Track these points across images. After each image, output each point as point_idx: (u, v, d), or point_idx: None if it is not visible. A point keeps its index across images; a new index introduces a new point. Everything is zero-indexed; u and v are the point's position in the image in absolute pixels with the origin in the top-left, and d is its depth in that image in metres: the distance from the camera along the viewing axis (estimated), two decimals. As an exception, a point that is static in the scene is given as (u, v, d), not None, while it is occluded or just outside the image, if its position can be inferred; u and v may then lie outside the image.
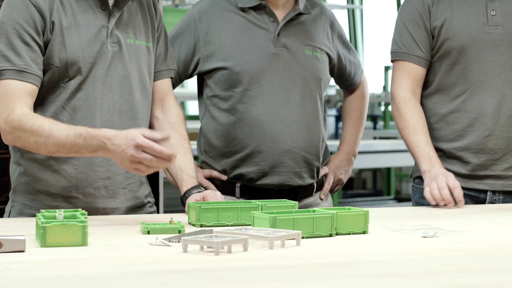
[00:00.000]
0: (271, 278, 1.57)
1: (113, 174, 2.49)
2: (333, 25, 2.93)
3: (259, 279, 1.56)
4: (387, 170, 9.37)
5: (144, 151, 2.22)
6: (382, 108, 10.78)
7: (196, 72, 2.83)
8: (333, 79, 3.01)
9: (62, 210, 2.01)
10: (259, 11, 2.80)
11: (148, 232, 2.07)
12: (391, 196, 9.28)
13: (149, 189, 2.64)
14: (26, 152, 2.45)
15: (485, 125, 2.84)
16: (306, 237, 1.99)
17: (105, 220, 2.35)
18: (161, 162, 2.23)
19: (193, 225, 2.25)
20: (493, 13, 2.85)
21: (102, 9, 2.47)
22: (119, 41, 2.48)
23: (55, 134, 2.30)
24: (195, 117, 2.95)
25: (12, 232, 1.86)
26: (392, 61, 2.95)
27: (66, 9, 2.42)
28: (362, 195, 9.68)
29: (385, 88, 10.81)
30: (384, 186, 9.61)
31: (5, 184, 3.55)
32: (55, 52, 2.41)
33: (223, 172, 2.82)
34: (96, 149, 2.29)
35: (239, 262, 1.71)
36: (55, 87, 2.43)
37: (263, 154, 2.76)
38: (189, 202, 2.34)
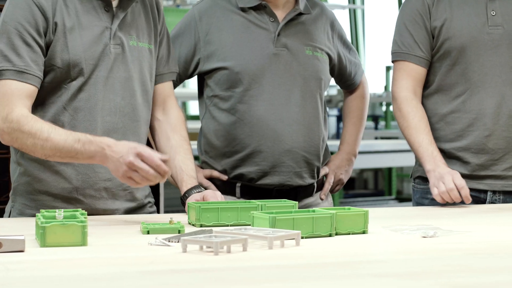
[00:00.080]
0: (270, 278, 1.57)
1: (114, 176, 2.48)
2: (333, 25, 2.93)
3: (258, 279, 1.56)
4: (388, 170, 9.36)
5: (143, 161, 2.23)
6: (384, 108, 10.77)
7: (196, 72, 2.83)
8: (334, 79, 3.01)
9: (62, 210, 2.01)
10: (260, 11, 2.80)
11: (148, 232, 2.07)
12: (393, 196, 9.28)
13: (149, 190, 2.64)
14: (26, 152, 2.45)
15: (485, 125, 2.84)
16: (306, 237, 1.99)
17: (105, 220, 2.35)
18: (156, 175, 2.24)
19: (193, 225, 2.25)
20: (493, 13, 2.84)
21: (105, 10, 2.46)
22: (122, 42, 2.48)
23: (53, 138, 2.30)
24: (196, 117, 2.95)
25: (12, 232, 1.86)
26: (392, 62, 2.95)
27: (70, 10, 2.42)
28: (364, 195, 9.67)
29: (386, 88, 10.80)
30: (386, 186, 9.61)
31: (5, 184, 3.55)
32: (58, 53, 2.40)
33: (224, 172, 2.82)
34: (93, 155, 2.29)
35: (239, 262, 1.71)
36: (56, 88, 2.43)
37: (263, 154, 2.76)
38: (189, 202, 2.34)
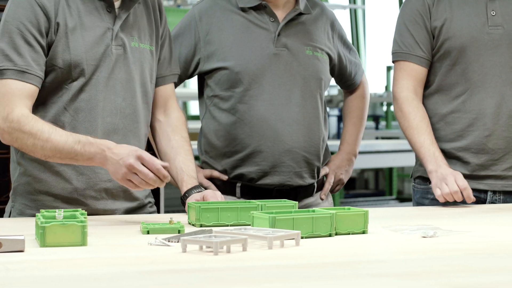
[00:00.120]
0: (270, 278, 1.57)
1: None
2: (333, 25, 2.93)
3: (258, 279, 1.56)
4: (389, 170, 9.36)
5: (143, 164, 2.23)
6: (384, 108, 10.77)
7: (196, 72, 2.83)
8: (334, 79, 3.01)
9: (62, 210, 2.01)
10: (260, 11, 2.80)
11: (147, 232, 2.07)
12: (393, 196, 9.27)
13: (149, 190, 2.63)
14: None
15: (485, 125, 2.84)
16: (306, 237, 1.98)
17: (104, 220, 2.35)
18: (155, 179, 2.23)
19: (193, 225, 2.25)
20: (493, 13, 2.84)
21: (108, 11, 2.46)
22: (123, 44, 2.47)
23: (54, 139, 2.30)
24: (197, 117, 2.95)
25: (12, 232, 1.86)
26: (393, 62, 2.95)
27: (72, 10, 2.41)
28: (364, 195, 9.67)
29: (387, 88, 10.80)
30: (386, 186, 9.60)
31: (6, 184, 3.55)
32: (59, 53, 2.40)
33: (224, 172, 2.82)
34: (93, 156, 2.29)
35: (238, 262, 1.71)
36: (57, 88, 2.43)
37: (263, 154, 2.76)
38: (189, 202, 2.34)
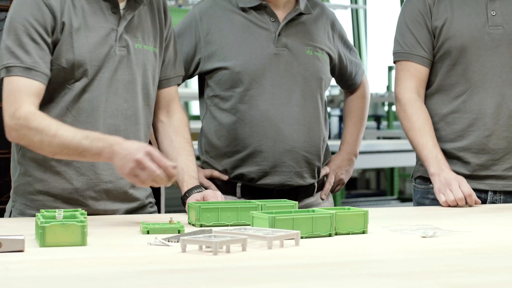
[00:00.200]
0: (269, 278, 1.56)
1: (116, 178, 2.48)
2: (334, 25, 2.93)
3: (257, 279, 1.56)
4: (390, 170, 9.36)
5: (152, 160, 2.21)
6: (386, 108, 10.76)
7: (197, 72, 2.83)
8: (334, 79, 3.01)
9: (62, 210, 2.01)
10: (260, 11, 2.80)
11: (147, 232, 2.06)
12: (395, 196, 9.27)
13: (150, 190, 2.63)
14: (28, 152, 2.45)
15: (485, 125, 2.84)
16: (305, 237, 1.98)
17: (104, 220, 2.35)
18: (162, 177, 2.21)
19: (193, 225, 2.25)
20: (493, 13, 2.84)
21: (113, 12, 2.45)
22: (127, 45, 2.47)
23: (61, 134, 2.28)
24: (198, 117, 2.95)
25: (12, 232, 1.86)
26: (394, 62, 2.94)
27: (77, 10, 2.41)
28: (366, 195, 9.67)
29: (388, 88, 10.80)
30: (388, 186, 9.60)
31: (6, 184, 3.55)
32: (63, 53, 2.39)
33: (224, 172, 2.82)
34: (100, 151, 2.27)
35: (238, 262, 1.71)
36: (60, 88, 2.42)
37: (264, 154, 2.76)
38: (189, 202, 2.34)
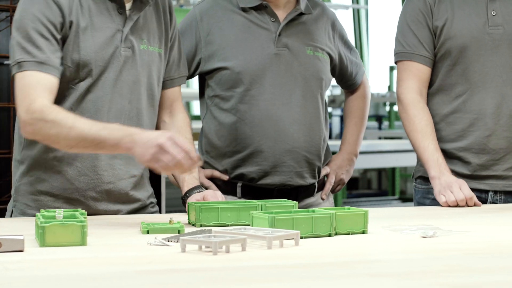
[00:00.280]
0: (269, 278, 1.56)
1: (117, 179, 2.48)
2: (334, 25, 2.93)
3: (257, 279, 1.56)
4: (392, 170, 9.36)
5: (175, 144, 2.16)
6: (387, 108, 10.76)
7: (197, 72, 2.83)
8: (335, 79, 3.01)
9: (62, 210, 2.01)
10: (260, 11, 2.80)
11: (147, 232, 2.06)
12: (396, 196, 9.28)
13: (151, 190, 2.64)
14: (29, 152, 2.45)
15: (485, 125, 2.84)
16: (305, 237, 1.98)
17: (104, 220, 2.35)
18: (186, 161, 2.16)
19: (193, 225, 2.25)
20: (493, 13, 2.84)
21: (119, 12, 2.45)
22: (132, 46, 2.46)
23: (78, 126, 2.25)
24: (199, 117, 2.95)
25: (12, 232, 1.86)
26: (396, 62, 2.94)
27: (84, 10, 2.40)
28: (367, 195, 9.67)
29: (390, 88, 10.79)
30: (389, 186, 9.60)
31: (7, 184, 3.55)
32: (69, 52, 2.38)
33: (225, 172, 2.82)
34: (119, 141, 2.22)
35: (237, 262, 1.71)
36: (64, 87, 2.40)
37: (264, 154, 2.76)
38: (189, 201, 2.34)
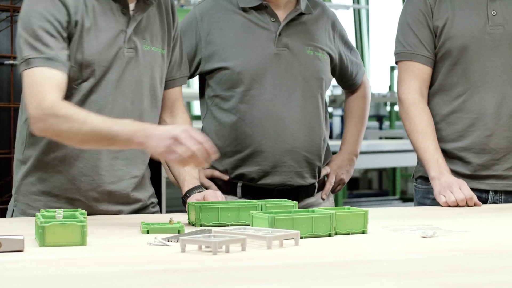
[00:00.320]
0: (268, 278, 1.56)
1: (118, 180, 2.47)
2: (334, 25, 2.93)
3: (256, 279, 1.56)
4: (392, 170, 9.36)
5: (190, 137, 2.15)
6: (388, 108, 10.77)
7: (197, 72, 2.83)
8: (335, 79, 3.01)
9: (62, 210, 2.01)
10: (261, 11, 2.80)
11: (147, 232, 2.06)
12: (397, 196, 9.28)
13: (152, 190, 2.63)
14: (32, 152, 2.44)
15: (486, 125, 2.84)
16: (305, 237, 1.98)
17: (104, 220, 2.35)
18: (202, 153, 2.14)
19: (193, 225, 2.25)
20: (493, 13, 2.84)
21: (122, 13, 2.44)
22: (135, 46, 2.46)
23: (91, 121, 2.23)
24: (200, 117, 2.95)
25: (12, 231, 1.86)
26: (396, 62, 2.94)
27: (89, 10, 2.39)
28: (368, 195, 9.67)
29: (390, 88, 10.80)
30: (390, 186, 9.61)
31: (7, 184, 3.55)
32: (72, 52, 2.38)
33: (225, 172, 2.82)
34: (133, 134, 2.20)
35: (237, 262, 1.71)
36: (67, 88, 2.37)
37: (264, 154, 2.76)
38: (189, 201, 2.34)
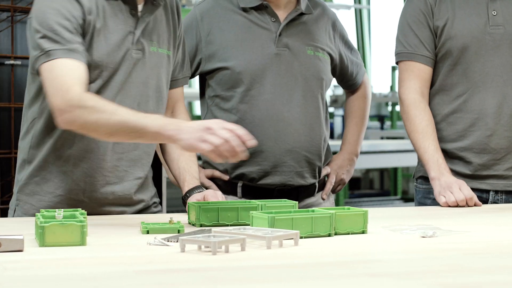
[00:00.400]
0: (268, 278, 1.56)
1: (121, 181, 2.48)
2: (335, 25, 2.93)
3: (256, 279, 1.55)
4: (394, 170, 9.36)
5: (224, 128, 2.13)
6: (389, 108, 10.77)
7: (198, 72, 2.83)
8: (335, 79, 3.01)
9: (62, 210, 2.01)
10: (261, 11, 2.80)
11: (147, 232, 2.06)
12: (398, 196, 9.28)
13: (154, 190, 2.63)
14: (37, 151, 2.44)
15: (486, 125, 2.84)
16: (305, 237, 1.98)
17: (104, 220, 2.35)
18: (237, 143, 2.11)
19: (193, 225, 2.25)
20: (494, 13, 2.84)
21: (131, 14, 2.43)
22: (143, 48, 2.45)
23: (120, 113, 2.21)
24: (200, 117, 2.95)
25: (12, 231, 1.86)
26: (397, 63, 2.94)
27: (99, 10, 2.38)
28: (369, 195, 9.68)
29: (392, 88, 10.80)
30: (391, 186, 9.61)
31: (8, 184, 3.55)
32: None
33: (225, 172, 2.82)
34: (163, 126, 2.18)
35: (237, 262, 1.70)
36: None
37: (264, 154, 2.76)
38: (190, 201, 2.34)
